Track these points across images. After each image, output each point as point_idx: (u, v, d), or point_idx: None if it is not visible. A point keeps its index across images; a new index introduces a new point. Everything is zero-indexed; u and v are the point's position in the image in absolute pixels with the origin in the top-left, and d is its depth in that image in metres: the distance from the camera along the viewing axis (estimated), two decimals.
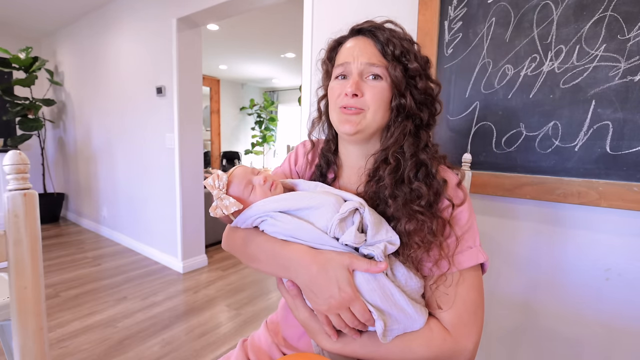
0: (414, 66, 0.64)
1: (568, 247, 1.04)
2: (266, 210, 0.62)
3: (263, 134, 7.39)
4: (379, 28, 0.66)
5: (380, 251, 0.56)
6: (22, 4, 3.35)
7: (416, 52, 0.67)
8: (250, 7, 2.33)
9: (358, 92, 0.64)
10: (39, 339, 0.48)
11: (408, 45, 0.65)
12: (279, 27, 3.75)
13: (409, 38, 0.68)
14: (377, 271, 0.56)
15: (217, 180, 0.66)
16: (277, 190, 0.67)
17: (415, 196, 0.62)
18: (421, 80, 0.66)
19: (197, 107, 2.89)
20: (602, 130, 0.94)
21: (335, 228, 0.57)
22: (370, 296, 0.56)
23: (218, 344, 1.91)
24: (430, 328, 0.59)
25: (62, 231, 3.95)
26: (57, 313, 2.17)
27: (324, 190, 0.66)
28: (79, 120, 4.01)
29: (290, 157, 0.86)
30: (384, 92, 0.65)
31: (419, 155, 0.65)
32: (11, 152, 0.45)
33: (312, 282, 0.57)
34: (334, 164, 0.77)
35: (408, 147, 0.65)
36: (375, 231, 0.58)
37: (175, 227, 2.90)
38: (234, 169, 0.69)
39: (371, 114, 0.65)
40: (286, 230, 0.61)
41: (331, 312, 0.57)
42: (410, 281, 0.59)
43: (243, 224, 0.66)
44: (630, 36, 0.89)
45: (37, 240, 0.47)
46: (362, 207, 0.58)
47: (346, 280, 0.55)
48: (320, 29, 1.60)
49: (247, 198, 0.66)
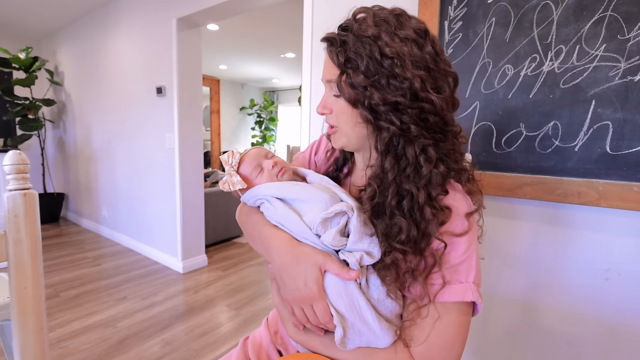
0: (365, 66, 0.52)
1: (568, 247, 1.04)
2: (265, 194, 0.65)
3: (263, 134, 7.40)
4: (337, 37, 0.56)
5: (355, 260, 0.55)
6: (22, 4, 3.35)
7: (372, 51, 0.52)
8: (250, 7, 2.33)
9: (325, 110, 0.62)
10: (39, 339, 0.48)
11: (368, 41, 0.52)
12: (279, 27, 3.75)
13: (370, 34, 0.53)
14: (346, 278, 0.54)
15: (231, 157, 0.70)
16: (284, 177, 0.69)
17: (396, 231, 0.54)
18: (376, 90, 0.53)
19: (197, 107, 2.89)
20: (602, 130, 0.94)
21: (318, 225, 0.58)
22: (335, 301, 0.56)
23: (218, 344, 1.91)
24: (395, 351, 0.56)
25: (62, 231, 3.95)
26: (57, 313, 2.17)
27: (327, 185, 0.67)
28: (79, 120, 4.01)
29: (313, 146, 0.86)
30: (346, 107, 0.58)
31: (401, 183, 0.55)
32: (11, 152, 0.45)
33: (283, 270, 0.59)
34: (350, 161, 0.76)
35: (390, 169, 0.55)
36: (357, 238, 0.56)
37: (175, 227, 2.90)
38: (250, 149, 0.73)
39: (343, 131, 0.62)
40: (277, 216, 0.63)
41: (295, 304, 0.59)
42: (383, 297, 0.57)
43: (248, 202, 0.69)
44: (630, 36, 0.89)
45: (37, 240, 0.47)
46: (350, 211, 0.57)
47: (314, 278, 0.56)
48: (320, 29, 1.60)
49: (253, 179, 0.69)
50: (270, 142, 7.59)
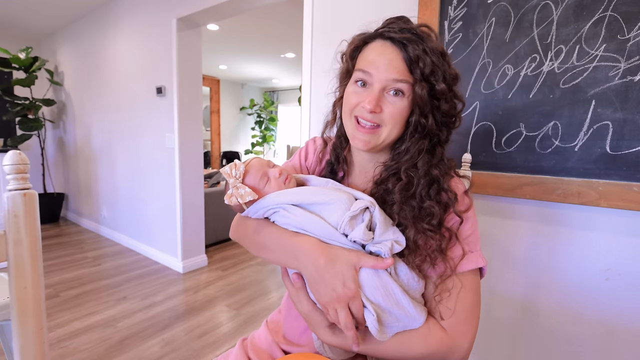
0: (441, 88, 0.61)
1: (568, 247, 1.04)
2: (280, 202, 0.64)
3: (263, 134, 7.40)
4: (410, 40, 0.60)
5: (388, 249, 0.58)
6: (22, 4, 3.35)
7: (445, 69, 0.62)
8: (250, 7, 2.33)
9: (377, 109, 0.62)
10: (39, 339, 0.48)
11: (438, 61, 0.61)
12: (279, 27, 3.75)
13: (440, 50, 0.62)
14: (383, 267, 0.58)
15: (234, 169, 0.68)
16: (291, 184, 0.69)
17: (426, 214, 0.62)
18: (446, 103, 0.63)
19: (197, 107, 2.89)
20: (602, 130, 0.94)
21: (346, 225, 0.59)
22: (372, 293, 0.58)
23: (218, 344, 1.91)
24: (428, 327, 0.61)
25: (62, 231, 3.95)
26: (57, 313, 2.17)
27: (335, 187, 0.67)
28: (79, 120, 4.01)
29: (301, 153, 0.86)
30: (404, 110, 0.63)
31: (431, 172, 0.64)
32: (11, 152, 0.45)
33: (318, 273, 0.59)
34: (345, 162, 0.77)
35: (422, 164, 0.64)
36: (384, 230, 0.60)
37: (175, 227, 2.90)
38: (251, 160, 0.71)
39: (387, 130, 0.64)
40: (298, 223, 0.62)
41: (331, 306, 0.59)
42: (412, 281, 0.61)
43: (255, 214, 0.68)
44: (630, 36, 0.89)
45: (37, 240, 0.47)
46: (372, 205, 0.60)
47: (351, 277, 0.57)
48: (320, 29, 1.60)
49: (262, 189, 0.68)
50: (270, 142, 7.59)
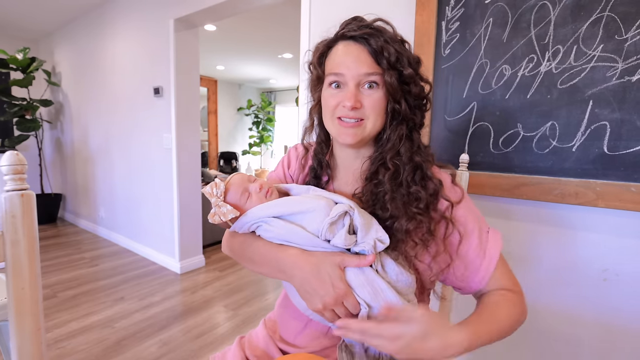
0: (408, 72, 0.64)
1: (565, 247, 1.04)
2: (260, 216, 0.64)
3: (260, 135, 7.38)
4: (371, 35, 0.63)
5: (370, 246, 0.59)
6: (19, 5, 3.33)
7: (409, 55, 0.65)
8: (247, 8, 2.33)
9: (357, 104, 0.64)
10: (36, 340, 0.47)
11: (400, 49, 0.64)
12: (276, 28, 3.75)
13: (399, 39, 0.66)
14: (366, 264, 0.59)
15: (215, 188, 0.68)
16: (272, 197, 0.69)
17: (414, 199, 0.64)
18: (415, 86, 0.66)
19: (195, 107, 2.89)
20: (600, 130, 0.94)
21: (326, 231, 0.60)
22: (360, 291, 0.59)
23: (215, 345, 1.90)
24: (503, 294, 0.68)
25: (59, 232, 3.93)
26: (55, 313, 2.16)
27: (315, 193, 0.68)
28: (77, 121, 4.00)
29: (284, 162, 0.87)
30: (381, 100, 0.65)
31: (414, 159, 0.66)
32: (8, 153, 0.45)
33: (306, 282, 0.60)
34: (328, 166, 0.77)
35: (405, 151, 0.67)
36: (365, 232, 0.60)
37: (172, 228, 2.90)
38: (231, 177, 0.71)
39: (371, 122, 0.66)
40: (280, 235, 0.63)
41: (327, 309, 0.59)
42: (401, 277, 0.61)
43: (240, 230, 0.68)
44: (628, 36, 0.90)
45: (35, 241, 0.47)
46: (351, 209, 0.61)
47: (338, 277, 0.58)
48: (317, 29, 1.60)
49: (243, 205, 0.68)
50: (268, 143, 7.58)
